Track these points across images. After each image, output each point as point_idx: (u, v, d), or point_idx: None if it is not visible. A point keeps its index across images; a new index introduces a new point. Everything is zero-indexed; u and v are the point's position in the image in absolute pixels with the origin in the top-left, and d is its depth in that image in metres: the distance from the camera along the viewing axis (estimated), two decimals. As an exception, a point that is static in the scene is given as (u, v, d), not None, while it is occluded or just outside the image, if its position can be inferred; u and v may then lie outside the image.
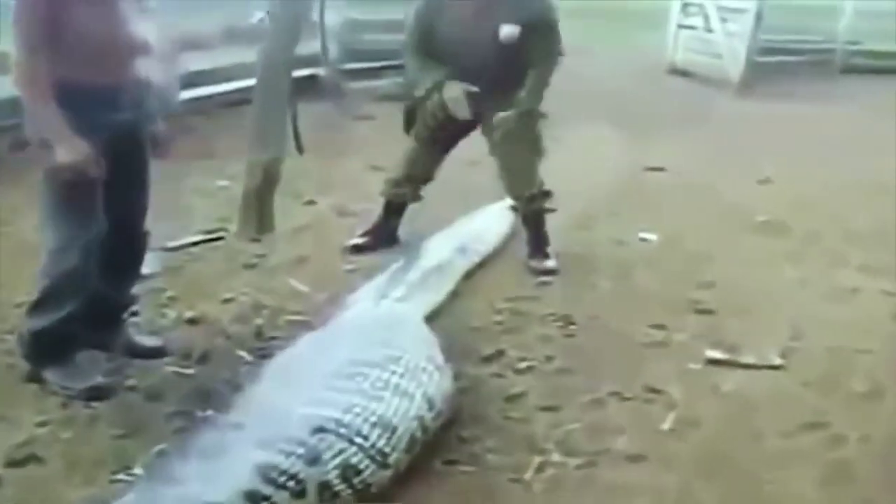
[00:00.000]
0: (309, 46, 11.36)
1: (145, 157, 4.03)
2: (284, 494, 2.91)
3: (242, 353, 4.30)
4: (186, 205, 6.59)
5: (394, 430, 3.23)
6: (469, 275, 5.40)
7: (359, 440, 3.12)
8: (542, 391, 4.07)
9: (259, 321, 4.67)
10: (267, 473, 2.89)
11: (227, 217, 6.16)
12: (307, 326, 4.43)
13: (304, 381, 3.38)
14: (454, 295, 5.10)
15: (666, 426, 3.82)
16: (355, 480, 3.09)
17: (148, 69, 3.84)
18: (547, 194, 5.69)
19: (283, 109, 5.81)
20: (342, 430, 3.11)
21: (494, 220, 6.04)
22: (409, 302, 4.54)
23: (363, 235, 5.89)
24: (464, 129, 5.57)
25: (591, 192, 7.36)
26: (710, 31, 13.41)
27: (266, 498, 2.86)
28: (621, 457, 3.58)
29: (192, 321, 4.65)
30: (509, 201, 5.83)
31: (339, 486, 3.05)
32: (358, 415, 3.17)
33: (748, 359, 4.44)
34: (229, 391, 3.70)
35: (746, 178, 7.96)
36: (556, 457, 3.55)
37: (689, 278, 5.53)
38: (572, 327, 4.78)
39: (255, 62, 5.91)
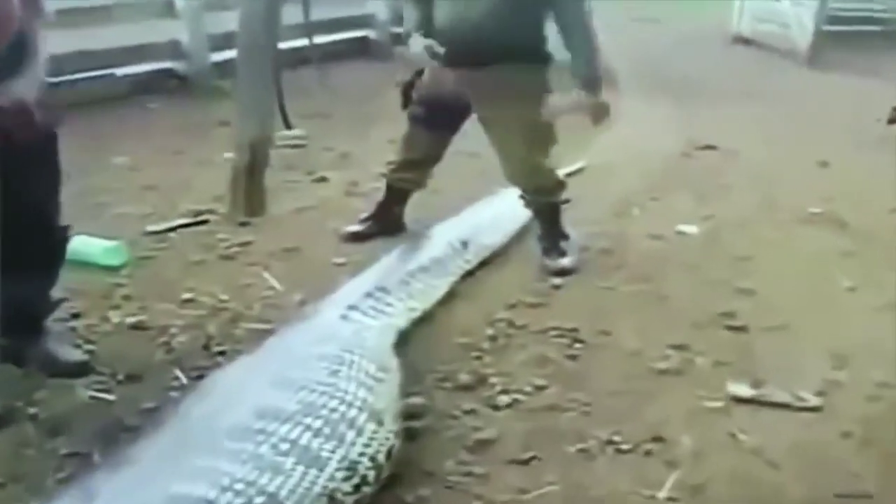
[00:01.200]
0: (361, 7, 10.64)
1: (36, 138, 3.15)
2: None
3: (178, 373, 3.48)
4: (185, 179, 5.82)
5: None
6: (470, 273, 4.52)
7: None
8: (519, 436, 3.18)
9: (212, 329, 3.85)
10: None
11: (223, 196, 5.35)
12: (259, 340, 3.59)
13: (198, 439, 2.55)
14: (449, 297, 4.24)
15: (663, 494, 2.90)
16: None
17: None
18: (560, 185, 4.75)
19: (268, 83, 4.94)
20: (213, 518, 2.25)
21: (509, 208, 5.09)
22: (384, 314, 3.70)
23: (363, 221, 5.03)
24: (463, 108, 4.63)
25: (635, 174, 6.43)
26: (776, -2, 12.19)
27: None
28: (598, 542, 2.70)
29: (136, 327, 3.85)
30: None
31: None
32: (238, 494, 2.30)
33: (779, 396, 3.49)
34: (142, 427, 2.90)
35: (804, 160, 6.90)
36: (517, 537, 2.69)
37: (724, 284, 4.57)
38: (577, 346, 3.87)
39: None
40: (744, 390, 3.52)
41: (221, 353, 3.63)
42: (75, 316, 3.87)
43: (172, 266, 4.50)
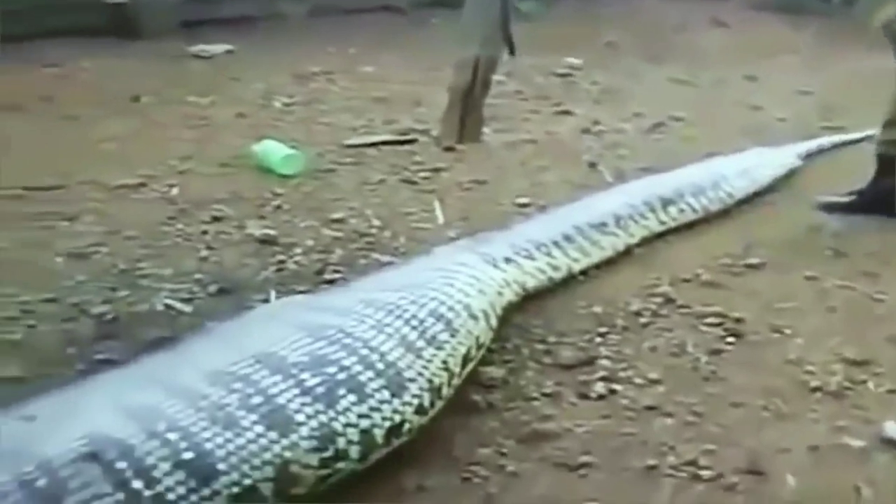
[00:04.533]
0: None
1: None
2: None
3: (272, 295, 3.21)
4: (419, 96, 5.55)
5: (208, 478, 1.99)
6: (662, 235, 3.91)
7: (137, 484, 1.91)
8: (580, 438, 2.61)
9: (338, 254, 3.55)
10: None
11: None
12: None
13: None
14: (623, 258, 3.68)
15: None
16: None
17: None
18: None
19: (497, 3, 4.52)
20: (120, 465, 1.92)
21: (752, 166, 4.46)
22: (516, 267, 3.24)
23: (849, 194, 4.18)
24: None
25: None
26: None
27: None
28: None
29: (263, 240, 3.65)
30: None
31: None
32: (167, 444, 1.97)
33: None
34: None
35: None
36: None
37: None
38: (729, 340, 3.14)
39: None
40: (902, 434, 2.72)
41: (331, 282, 3.33)
42: (216, 220, 3.72)
43: (347, 183, 4.26)
